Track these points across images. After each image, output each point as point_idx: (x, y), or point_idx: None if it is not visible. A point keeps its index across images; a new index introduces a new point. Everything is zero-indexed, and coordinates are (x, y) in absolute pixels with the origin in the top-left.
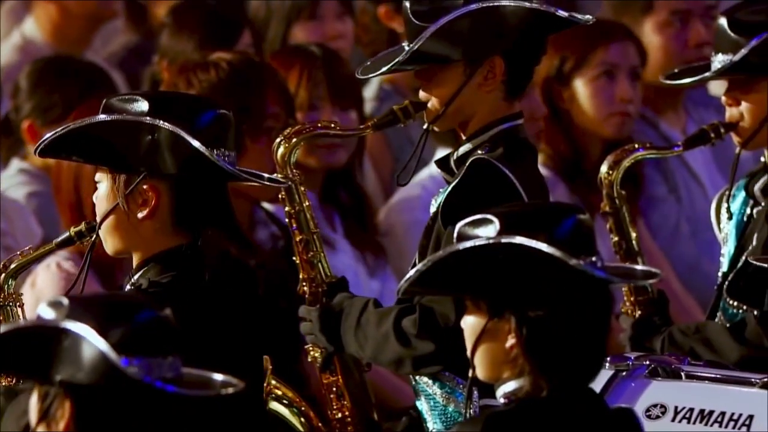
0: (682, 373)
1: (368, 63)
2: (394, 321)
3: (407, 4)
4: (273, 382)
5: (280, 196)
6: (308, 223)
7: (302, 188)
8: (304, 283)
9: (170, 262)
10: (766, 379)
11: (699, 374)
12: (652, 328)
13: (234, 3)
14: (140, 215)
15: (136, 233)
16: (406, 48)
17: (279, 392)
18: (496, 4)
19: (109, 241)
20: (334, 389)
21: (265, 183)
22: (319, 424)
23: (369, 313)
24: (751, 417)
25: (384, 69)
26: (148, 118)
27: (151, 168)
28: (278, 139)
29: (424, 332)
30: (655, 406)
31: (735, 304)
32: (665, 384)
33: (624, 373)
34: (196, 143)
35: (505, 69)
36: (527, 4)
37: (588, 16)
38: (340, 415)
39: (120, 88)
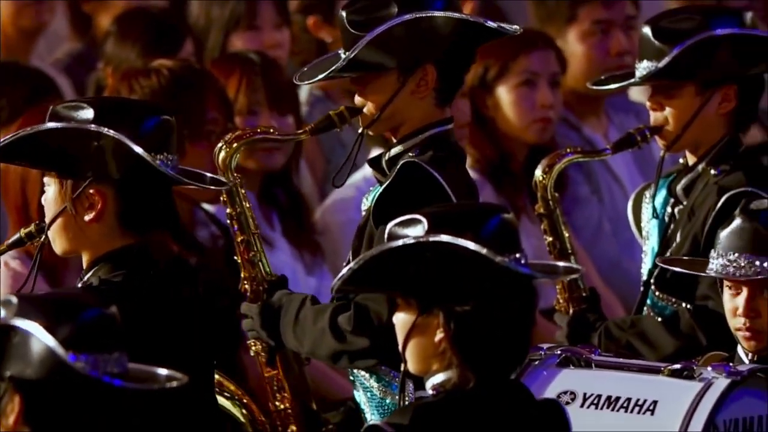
0: (593, 363)
1: (305, 69)
2: (330, 318)
3: (343, 13)
4: (216, 376)
5: (221, 198)
6: (249, 224)
7: (243, 191)
8: (246, 282)
9: (119, 262)
10: (671, 367)
11: (607, 363)
12: (588, 325)
13: (176, 12)
14: (87, 218)
15: (83, 235)
16: (343, 56)
17: (223, 387)
18: (428, 14)
19: (58, 242)
20: (275, 382)
21: (207, 186)
22: (261, 416)
23: (306, 309)
24: (655, 402)
25: (321, 76)
26: (93, 125)
27: (96, 173)
28: (220, 144)
29: (358, 329)
30: (564, 392)
31: (664, 297)
32: (575, 372)
33: (536, 362)
34: (138, 149)
35: (436, 76)
36: (458, 15)
37: (515, 27)
38: (281, 406)
39: (66, 93)
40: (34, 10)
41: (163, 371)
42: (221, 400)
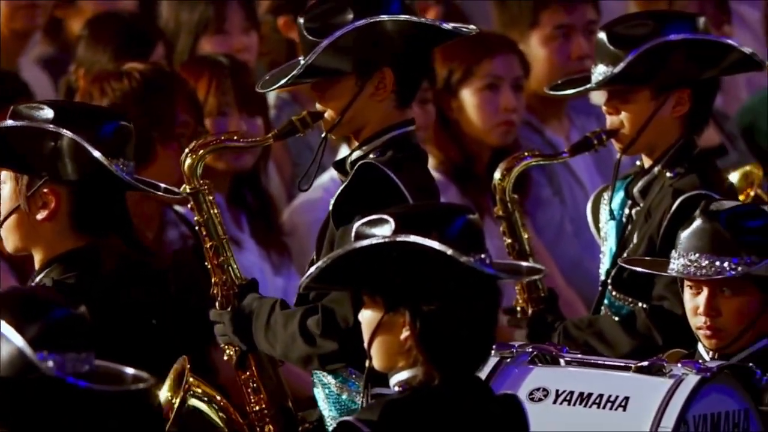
0: (562, 360)
1: (267, 77)
2: (299, 322)
3: (301, 20)
4: (191, 380)
5: (189, 205)
6: (217, 229)
7: (210, 197)
8: (216, 287)
9: (72, 263)
10: (639, 365)
11: (577, 360)
12: (546, 324)
13: (146, 16)
14: (39, 217)
15: (35, 234)
16: (302, 62)
17: (198, 390)
18: (382, 18)
19: (10, 240)
20: (251, 384)
21: (161, 194)
22: (238, 418)
23: (276, 314)
24: (627, 398)
25: (281, 83)
26: (52, 125)
27: (52, 173)
28: (186, 152)
29: (327, 332)
30: (537, 389)
31: (621, 297)
32: (547, 369)
33: (508, 360)
34: (96, 153)
35: (394, 79)
36: (413, 19)
37: (472, 27)
38: (257, 408)
39: (47, 95)
40: (28, 12)
41: (130, 371)
42: (197, 404)
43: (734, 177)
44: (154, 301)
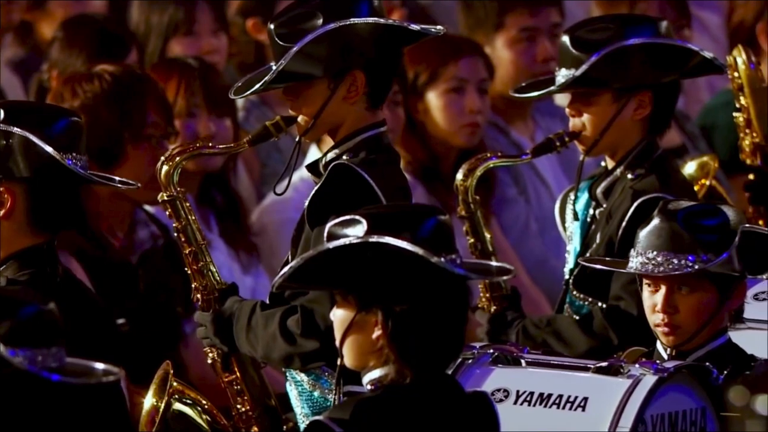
0: (522, 361)
1: (240, 83)
2: (279, 322)
3: (272, 26)
4: (175, 384)
5: (167, 213)
6: (195, 235)
7: (187, 204)
8: (197, 292)
9: (27, 261)
10: (598, 365)
11: (537, 361)
12: (507, 323)
13: (117, 19)
14: None
15: None
16: (274, 68)
17: (183, 394)
18: (351, 22)
19: None
20: (235, 386)
21: (116, 185)
22: (222, 420)
23: (257, 315)
24: (586, 399)
25: (254, 89)
26: (2, 125)
27: (5, 171)
28: (162, 159)
29: (307, 332)
30: (498, 390)
31: (581, 296)
32: (507, 370)
33: (470, 361)
34: (48, 148)
35: (366, 81)
36: (381, 21)
37: (439, 27)
38: (242, 409)
39: (8, 96)
40: (6, 8)
41: (100, 365)
42: (182, 408)
43: (690, 167)
44: (114, 295)
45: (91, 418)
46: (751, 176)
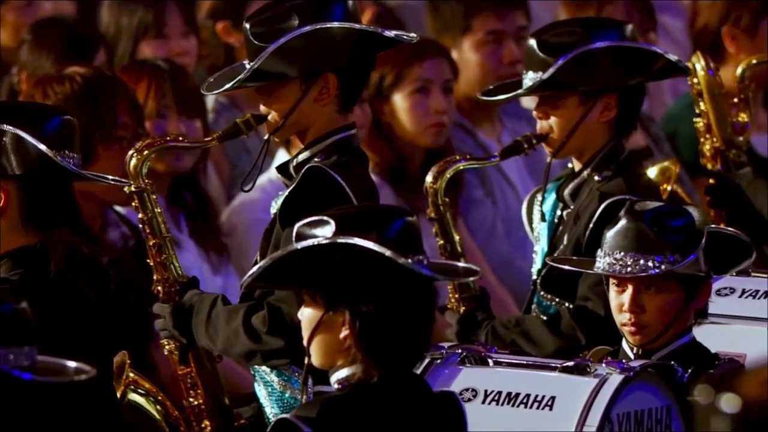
0: (490, 360)
1: (211, 80)
2: (244, 318)
3: (247, 25)
4: (131, 374)
5: (133, 204)
6: (160, 228)
7: (154, 196)
8: (158, 284)
9: (20, 260)
10: (565, 365)
11: (505, 361)
12: (476, 323)
13: (87, 21)
14: None
15: None
16: (247, 66)
17: (137, 384)
18: (327, 25)
19: None
20: (189, 379)
21: (110, 182)
22: (175, 413)
23: (218, 309)
24: (553, 398)
25: (228, 86)
26: None
27: None
28: (131, 152)
29: (273, 329)
30: (467, 389)
31: (548, 296)
32: (475, 370)
33: (438, 361)
34: (41, 146)
35: (338, 84)
36: (357, 26)
37: (413, 35)
38: (195, 402)
39: None
40: None
41: (72, 364)
42: (136, 398)
43: (652, 172)
44: (99, 297)
45: (66, 417)
46: (711, 180)
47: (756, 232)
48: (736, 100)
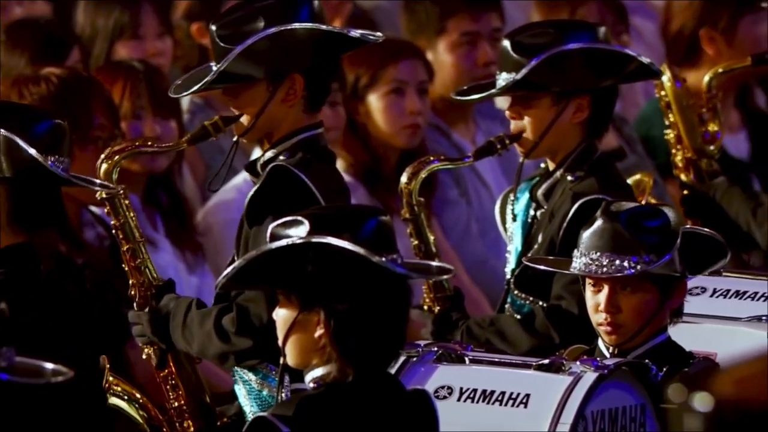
0: (466, 358)
1: (179, 82)
2: (215, 320)
3: (213, 27)
4: (111, 378)
5: (106, 210)
6: (134, 232)
7: (126, 201)
8: (133, 288)
9: (5, 260)
10: (540, 363)
11: (481, 359)
12: (451, 323)
13: (62, 22)
14: None
15: None
16: (214, 68)
17: (118, 388)
18: (291, 27)
19: None
20: (170, 381)
21: (96, 188)
22: (157, 415)
23: (193, 313)
24: (528, 396)
25: (194, 88)
26: None
27: None
28: (101, 157)
29: (241, 330)
30: (442, 387)
31: (523, 296)
32: (451, 368)
33: (414, 359)
34: (32, 150)
35: (304, 85)
36: (322, 27)
37: (378, 34)
38: (176, 404)
39: None
40: None
41: (49, 365)
42: (117, 402)
43: None
44: (80, 297)
45: (44, 418)
46: (685, 192)
47: (732, 240)
48: (704, 110)
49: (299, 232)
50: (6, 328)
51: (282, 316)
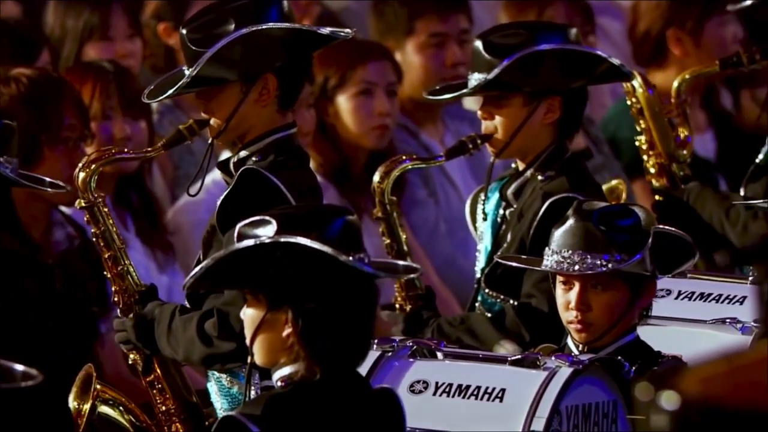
0: (439, 354)
1: (152, 87)
2: (197, 325)
3: (184, 31)
4: (98, 386)
5: (85, 218)
6: (114, 240)
7: (105, 209)
8: (117, 295)
9: None
10: (514, 358)
11: (456, 354)
12: (422, 321)
13: (33, 23)
14: None
15: None
16: (186, 72)
17: (105, 395)
18: (263, 27)
19: None
20: (156, 385)
21: (47, 189)
22: (145, 419)
23: (176, 319)
24: (503, 390)
25: (168, 94)
26: None
27: None
28: (79, 166)
29: (223, 334)
30: (418, 382)
31: (493, 294)
32: (426, 363)
33: (389, 354)
34: None
35: (277, 84)
36: (292, 26)
37: (348, 30)
38: (164, 407)
39: None
40: None
41: (19, 368)
42: (106, 410)
43: None
44: (41, 296)
45: (10, 423)
46: (657, 197)
47: (706, 243)
48: (674, 115)
49: (267, 232)
50: None
51: (250, 315)
